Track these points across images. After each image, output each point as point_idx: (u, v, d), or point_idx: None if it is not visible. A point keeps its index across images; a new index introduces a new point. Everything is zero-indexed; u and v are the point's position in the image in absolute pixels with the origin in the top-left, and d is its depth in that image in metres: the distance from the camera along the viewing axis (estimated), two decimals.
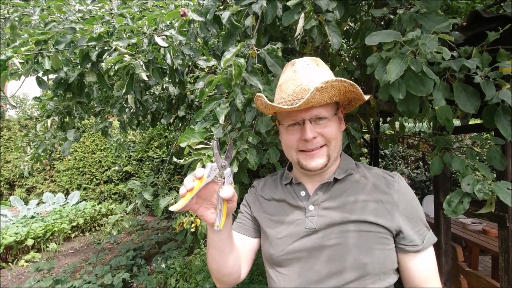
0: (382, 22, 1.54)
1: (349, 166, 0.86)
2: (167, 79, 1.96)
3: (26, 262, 4.46)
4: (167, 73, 1.79)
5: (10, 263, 4.42)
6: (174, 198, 1.64)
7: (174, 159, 1.31)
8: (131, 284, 3.45)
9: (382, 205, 0.78)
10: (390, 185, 0.81)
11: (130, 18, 1.55)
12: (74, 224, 5.65)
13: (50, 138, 2.42)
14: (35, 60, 1.46)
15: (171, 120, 2.47)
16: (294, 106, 0.75)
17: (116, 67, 1.69)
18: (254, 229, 0.93)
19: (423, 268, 0.78)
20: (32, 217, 6.01)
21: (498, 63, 1.00)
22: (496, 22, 1.19)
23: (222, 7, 1.41)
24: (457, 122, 1.81)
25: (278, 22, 1.25)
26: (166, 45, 1.45)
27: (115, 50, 1.43)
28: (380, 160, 6.23)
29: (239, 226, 0.94)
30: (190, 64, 2.01)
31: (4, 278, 4.01)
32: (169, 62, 1.51)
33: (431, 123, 1.50)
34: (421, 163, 6.59)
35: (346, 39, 2.00)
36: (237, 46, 1.09)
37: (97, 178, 7.39)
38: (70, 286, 3.18)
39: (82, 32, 1.54)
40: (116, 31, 1.51)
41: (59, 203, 7.06)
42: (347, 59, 2.02)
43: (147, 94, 2.34)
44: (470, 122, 2.13)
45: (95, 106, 2.48)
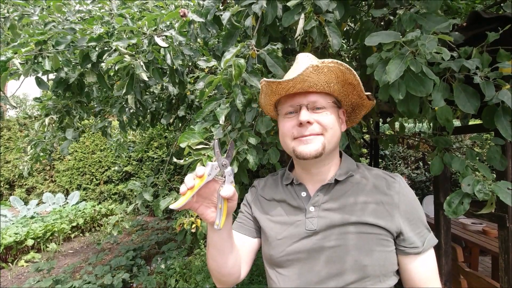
0: (382, 23, 1.54)
1: (350, 167, 0.85)
2: (167, 79, 1.96)
3: (26, 262, 4.45)
4: (167, 73, 1.79)
5: (10, 263, 4.42)
6: (174, 199, 1.63)
7: (174, 160, 1.31)
8: (131, 284, 3.45)
9: (383, 206, 0.77)
10: (390, 186, 0.80)
11: (130, 18, 1.55)
12: (74, 224, 5.65)
13: (50, 138, 2.42)
14: (35, 60, 1.46)
15: (171, 120, 2.47)
16: (289, 79, 0.75)
17: (116, 68, 1.70)
18: (254, 229, 0.93)
19: (424, 270, 0.78)
20: (32, 217, 6.01)
21: (498, 64, 1.00)
22: (496, 23, 1.19)
23: (222, 8, 1.41)
24: (457, 123, 1.81)
25: (278, 23, 1.25)
26: (166, 45, 1.45)
27: (115, 50, 1.43)
28: (380, 160, 6.23)
29: (240, 226, 0.94)
30: (190, 64, 2.01)
31: (4, 278, 4.01)
32: (169, 62, 1.51)
33: (431, 124, 1.50)
34: (421, 164, 6.59)
35: (346, 40, 2.00)
36: (237, 46, 1.09)
37: (97, 178, 7.38)
38: (70, 286, 3.18)
39: (82, 32, 1.54)
40: (116, 32, 1.51)
41: (59, 203, 7.06)
42: (347, 60, 2.02)
43: (147, 94, 2.34)
44: (470, 123, 2.14)
45: (95, 106, 2.48)
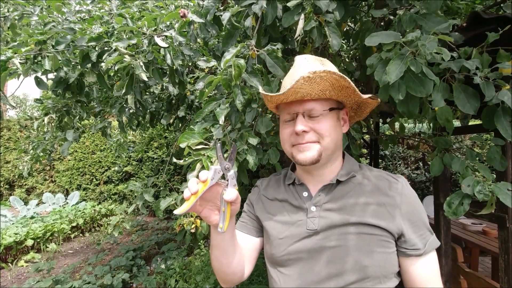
0: (382, 23, 1.54)
1: (352, 168, 0.85)
2: (167, 80, 1.96)
3: (26, 262, 4.45)
4: (167, 73, 1.79)
5: (9, 264, 4.41)
6: (175, 199, 1.63)
7: (174, 160, 1.31)
8: (131, 284, 3.45)
9: (384, 207, 0.77)
10: (392, 187, 0.80)
11: (130, 18, 1.55)
12: (74, 224, 5.64)
13: (50, 138, 2.42)
14: (34, 60, 1.46)
15: (171, 120, 2.47)
16: (280, 93, 0.76)
17: (116, 68, 1.69)
18: (257, 228, 0.93)
19: (425, 271, 0.77)
20: (31, 217, 6.00)
21: (498, 64, 1.00)
22: (496, 23, 1.19)
23: (222, 8, 1.41)
24: (457, 123, 1.81)
25: (278, 23, 1.25)
26: (166, 45, 1.45)
27: (115, 50, 1.43)
28: (380, 160, 6.23)
29: (243, 226, 0.95)
30: (190, 64, 2.01)
31: (3, 278, 4.01)
32: (169, 62, 1.51)
33: (431, 124, 1.50)
34: (421, 164, 6.58)
35: (346, 40, 2.00)
36: (237, 46, 1.09)
37: (97, 178, 7.38)
38: (70, 286, 3.18)
39: (82, 32, 1.54)
40: (116, 32, 1.51)
41: (59, 204, 7.05)
42: (347, 60, 2.02)
43: (147, 94, 2.33)
44: (470, 123, 2.14)
45: (95, 106, 2.48)
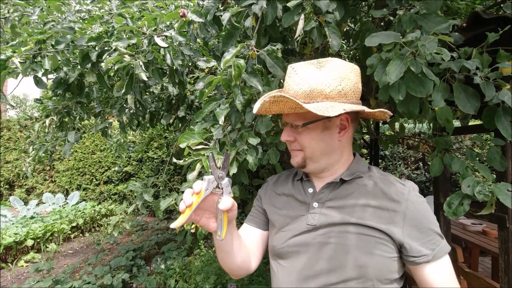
0: (382, 23, 1.54)
1: (359, 169, 0.85)
2: (167, 80, 1.96)
3: (26, 262, 4.45)
4: (167, 73, 1.79)
5: (9, 264, 4.41)
6: (175, 199, 1.64)
7: (174, 160, 1.31)
8: (131, 284, 3.45)
9: (387, 212, 0.76)
10: (399, 192, 0.78)
11: (130, 18, 1.55)
12: (74, 224, 5.63)
13: (51, 140, 2.42)
14: (34, 59, 1.46)
15: (171, 120, 2.47)
16: (256, 111, 0.81)
17: (116, 68, 1.69)
18: (264, 221, 0.96)
19: (438, 277, 0.75)
20: (31, 217, 5.99)
21: (498, 64, 1.00)
22: (496, 23, 1.19)
23: (222, 8, 1.41)
24: (457, 123, 1.81)
25: (278, 23, 1.25)
26: (166, 45, 1.45)
27: (115, 50, 1.43)
28: (380, 161, 6.22)
29: (251, 219, 0.98)
30: (190, 64, 2.01)
31: (3, 278, 4.01)
32: (169, 62, 1.51)
33: (431, 124, 1.50)
34: (421, 164, 6.58)
35: (346, 40, 2.00)
36: (237, 47, 1.09)
37: (97, 178, 7.38)
38: (70, 286, 3.18)
39: (82, 32, 1.54)
40: (116, 32, 1.51)
41: (59, 204, 7.05)
42: (347, 60, 2.01)
43: (147, 94, 2.33)
44: (470, 123, 2.14)
45: (95, 106, 2.48)
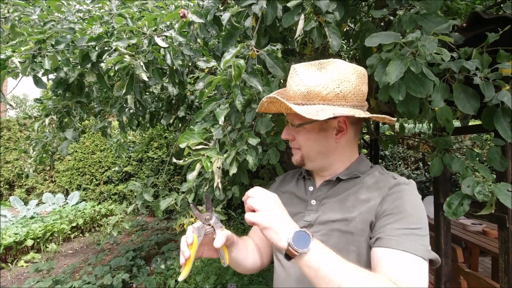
0: (382, 23, 1.54)
1: (359, 169, 0.84)
2: (167, 80, 1.96)
3: (26, 262, 4.44)
4: (167, 73, 1.79)
5: (9, 264, 4.41)
6: (175, 199, 1.66)
7: (174, 160, 1.31)
8: (131, 284, 3.45)
9: (373, 202, 0.75)
10: (387, 182, 0.78)
11: (130, 18, 1.55)
12: (74, 224, 5.63)
13: (52, 139, 2.42)
14: (33, 59, 1.46)
15: (171, 120, 2.47)
16: (256, 108, 0.87)
17: (116, 68, 1.70)
18: None
19: (384, 260, 0.65)
20: (31, 217, 5.99)
21: (497, 64, 1.00)
22: (496, 23, 1.19)
23: (222, 8, 1.41)
24: (457, 123, 1.81)
25: (278, 23, 1.25)
26: (166, 45, 1.45)
27: (115, 50, 1.43)
28: (380, 161, 6.22)
29: None
30: (190, 64, 2.01)
31: (3, 278, 4.00)
32: (169, 62, 1.51)
33: (431, 124, 1.50)
34: (421, 164, 6.58)
35: (346, 40, 2.00)
36: (237, 47, 1.09)
37: (97, 178, 7.38)
38: (70, 286, 3.18)
39: (82, 32, 1.54)
40: (116, 32, 1.51)
41: (59, 204, 7.05)
42: (347, 60, 2.01)
43: (147, 94, 2.33)
44: (470, 123, 2.14)
45: (95, 106, 2.48)
